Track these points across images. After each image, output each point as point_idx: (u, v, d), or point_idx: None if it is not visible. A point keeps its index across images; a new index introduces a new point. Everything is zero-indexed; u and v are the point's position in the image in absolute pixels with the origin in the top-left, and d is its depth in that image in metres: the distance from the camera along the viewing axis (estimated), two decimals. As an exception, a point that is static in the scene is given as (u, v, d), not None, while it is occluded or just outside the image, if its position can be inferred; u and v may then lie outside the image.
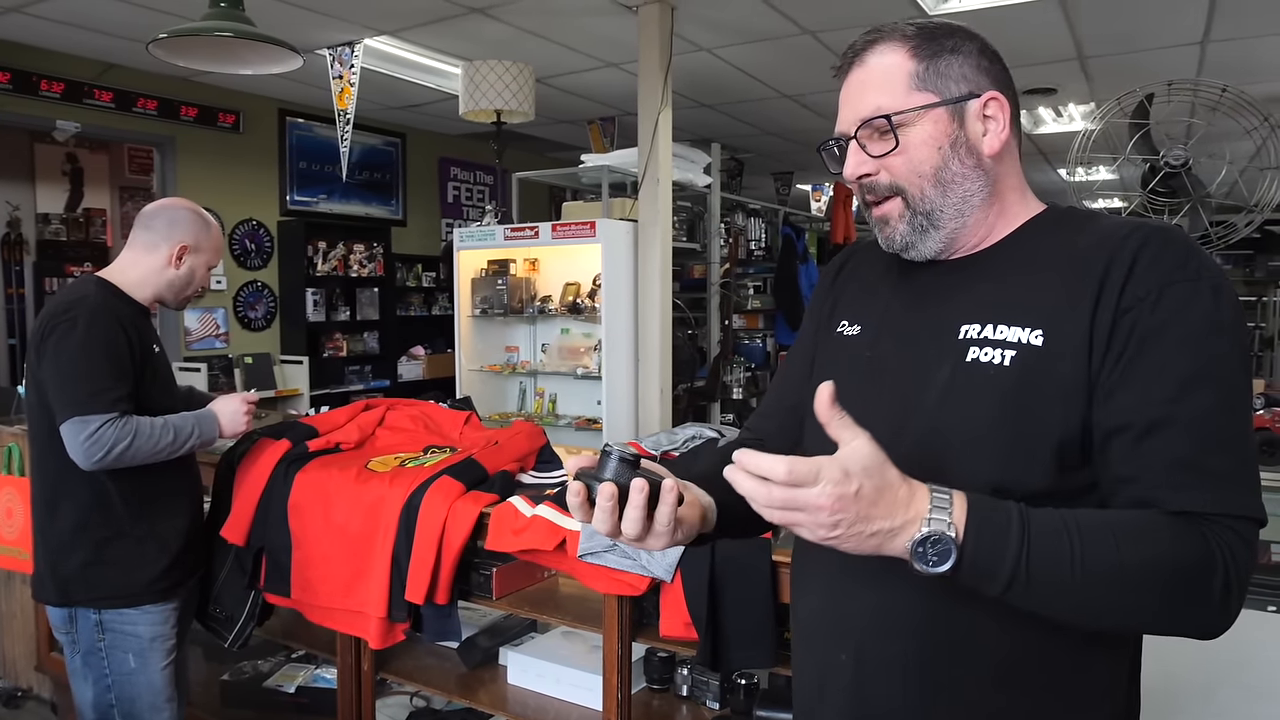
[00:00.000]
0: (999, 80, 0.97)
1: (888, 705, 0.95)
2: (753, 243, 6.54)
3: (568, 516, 1.72)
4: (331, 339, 6.58)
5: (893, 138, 0.95)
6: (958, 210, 0.96)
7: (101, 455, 1.83)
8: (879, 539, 0.79)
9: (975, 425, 0.89)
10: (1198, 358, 0.85)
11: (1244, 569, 0.82)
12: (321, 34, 4.60)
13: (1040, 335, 0.88)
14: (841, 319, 1.08)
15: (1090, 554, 0.79)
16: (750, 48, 4.94)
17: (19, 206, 6.95)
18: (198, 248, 2.06)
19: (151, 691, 2.02)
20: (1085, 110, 6.20)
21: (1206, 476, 0.83)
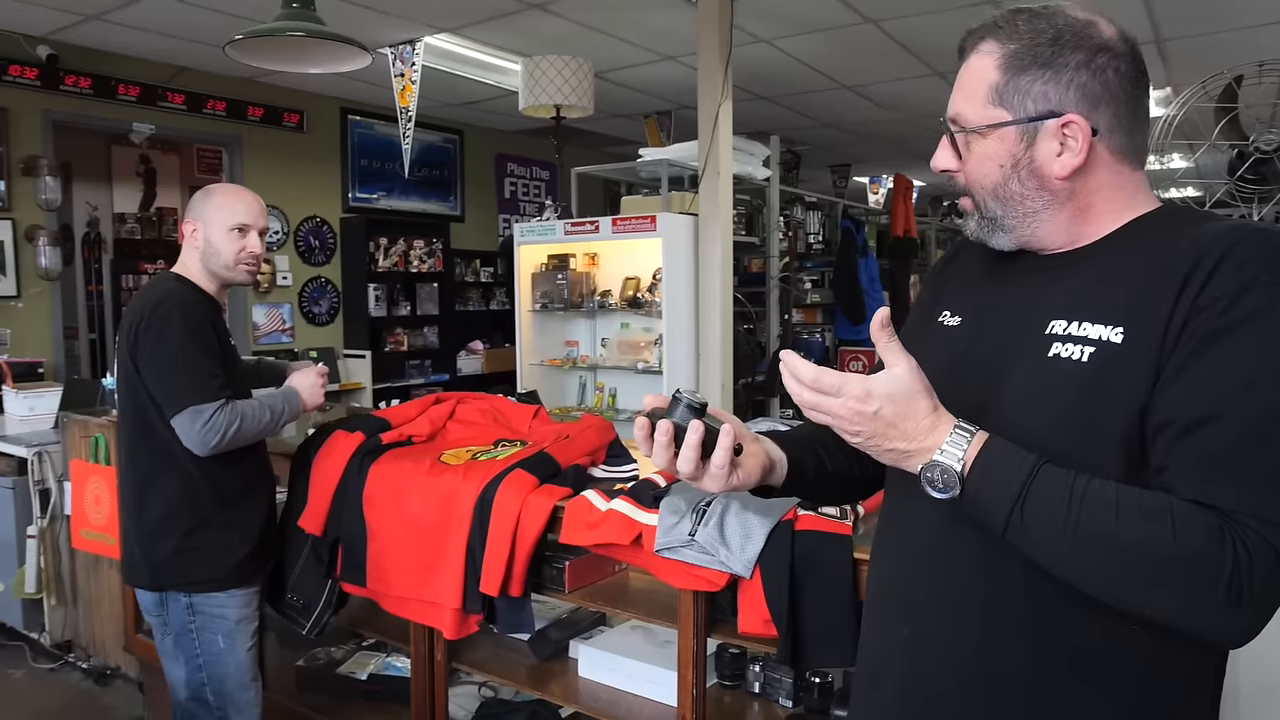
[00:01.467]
0: (1094, 96, 0.93)
1: (941, 686, 0.98)
2: (811, 236, 6.48)
3: (644, 511, 1.72)
4: (392, 333, 6.68)
5: (963, 148, 0.98)
6: (1024, 221, 0.98)
7: (217, 440, 1.91)
8: (895, 455, 0.89)
9: (1051, 420, 0.90)
10: (1262, 360, 0.83)
11: (1265, 577, 0.80)
12: (383, 32, 4.67)
13: (1120, 332, 0.88)
14: (944, 309, 1.09)
15: (1087, 516, 0.82)
16: (811, 38, 4.89)
17: (97, 207, 7.19)
18: (204, 218, 2.09)
19: (239, 670, 2.11)
20: (1160, 96, 6.00)
21: (1242, 475, 0.82)
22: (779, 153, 5.91)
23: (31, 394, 4.01)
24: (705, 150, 4.17)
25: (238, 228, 2.08)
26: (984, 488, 0.86)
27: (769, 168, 5.28)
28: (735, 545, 1.56)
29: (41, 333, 4.86)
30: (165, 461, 2.00)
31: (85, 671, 3.40)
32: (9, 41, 4.61)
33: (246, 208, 2.11)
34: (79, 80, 4.90)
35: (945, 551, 0.98)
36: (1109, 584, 0.85)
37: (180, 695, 2.14)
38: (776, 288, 5.73)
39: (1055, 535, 0.84)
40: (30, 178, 4.73)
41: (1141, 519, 0.82)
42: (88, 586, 3.41)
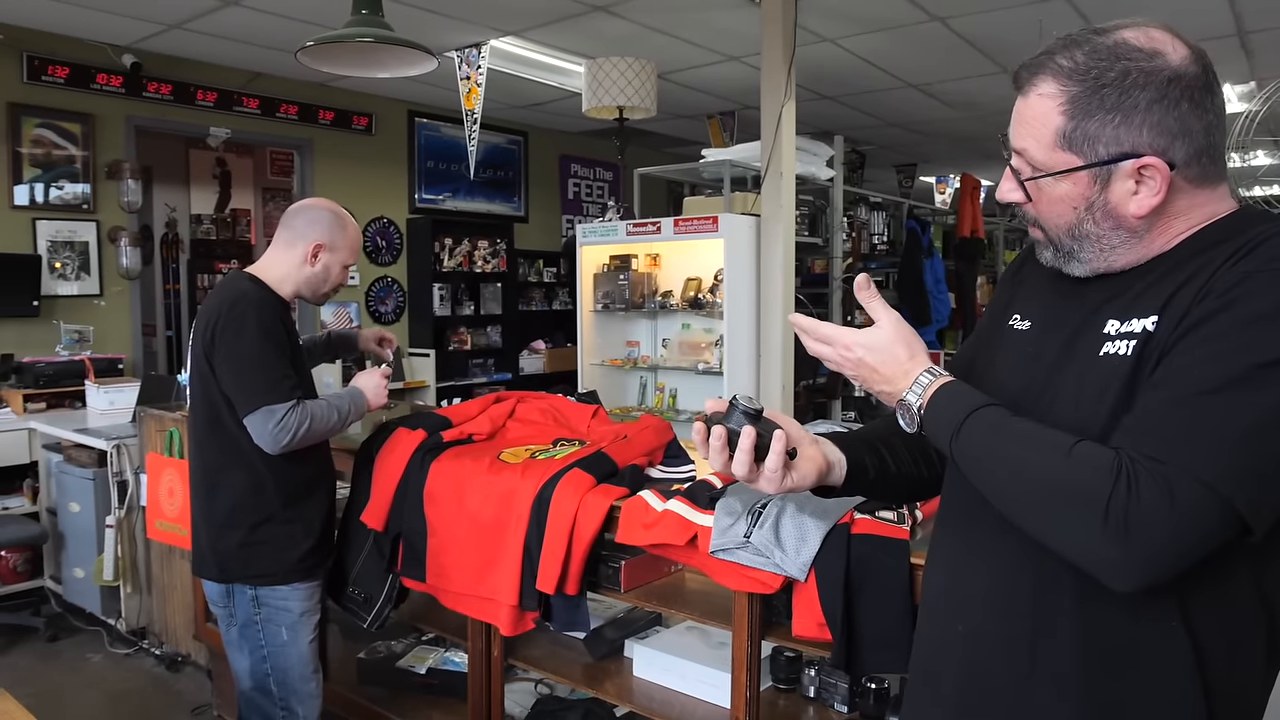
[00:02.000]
0: (1170, 131, 0.89)
1: (995, 681, 1.00)
2: (875, 237, 6.38)
3: (699, 512, 1.71)
4: (456, 333, 6.78)
5: (1032, 189, 0.98)
6: (1100, 254, 0.97)
7: (288, 439, 1.97)
8: (884, 395, 1.04)
9: (1107, 413, 0.91)
10: (1234, 335, 0.83)
11: (1143, 511, 0.80)
12: (449, 36, 4.75)
13: (1155, 320, 0.90)
14: (1015, 313, 1.10)
15: (1002, 447, 0.91)
16: (875, 36, 4.82)
17: (175, 208, 7.46)
18: (333, 246, 2.16)
19: (302, 662, 2.16)
20: (1244, 90, 5.77)
21: (1163, 431, 0.84)
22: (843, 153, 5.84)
23: (112, 389, 4.18)
24: (768, 151, 4.14)
25: (351, 265, 2.23)
26: (932, 422, 0.99)
27: (832, 168, 5.22)
28: (790, 548, 1.54)
29: (122, 330, 5.06)
30: (233, 457, 2.06)
31: (158, 658, 3.52)
32: (96, 51, 4.80)
33: (358, 249, 2.26)
34: (160, 87, 5.08)
35: (996, 549, 1.01)
36: (1018, 509, 0.91)
37: (245, 685, 2.20)
38: (840, 289, 5.66)
39: (979, 463, 0.93)
40: (114, 181, 4.92)
41: (1044, 450, 0.88)
42: (161, 576, 3.53)
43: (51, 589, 3.98)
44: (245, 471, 2.07)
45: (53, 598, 3.96)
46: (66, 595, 3.86)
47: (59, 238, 4.75)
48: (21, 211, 4.63)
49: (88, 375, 4.38)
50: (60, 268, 4.75)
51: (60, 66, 4.68)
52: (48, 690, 3.33)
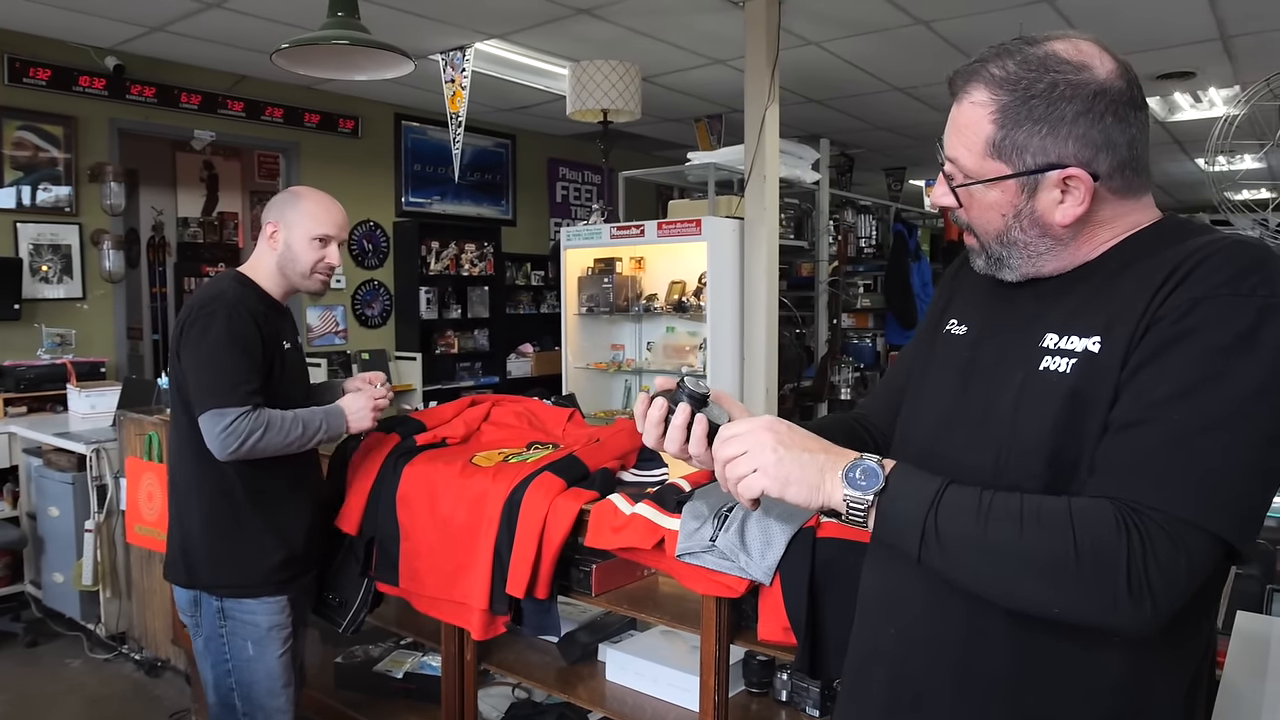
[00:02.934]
0: (1094, 144, 0.91)
1: (925, 685, 1.00)
2: (863, 240, 6.39)
3: (667, 515, 1.71)
4: (443, 336, 6.77)
5: (964, 195, 0.99)
6: (1027, 261, 0.99)
7: (236, 446, 1.89)
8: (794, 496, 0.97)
9: (1038, 430, 0.92)
10: (1208, 367, 0.83)
11: (1163, 570, 0.81)
12: (434, 39, 4.74)
13: (1098, 342, 0.90)
14: (951, 318, 1.11)
15: (988, 534, 0.86)
16: (860, 40, 4.82)
17: (162, 211, 7.44)
18: (287, 222, 2.04)
19: (269, 677, 2.08)
20: (1228, 95, 5.79)
21: (1156, 475, 0.83)
22: (829, 156, 5.85)
23: (93, 393, 4.16)
24: (751, 153, 4.14)
25: (320, 238, 2.05)
26: (890, 518, 0.94)
27: (818, 171, 5.22)
28: (756, 551, 1.54)
29: (105, 333, 5.03)
30: (205, 460, 1.99)
31: (137, 663, 3.50)
32: (79, 53, 4.79)
33: (331, 218, 2.07)
34: (144, 90, 5.06)
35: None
36: (1021, 595, 0.87)
37: (211, 697, 2.14)
38: (825, 292, 5.66)
39: (961, 557, 0.89)
40: (97, 183, 4.90)
41: (1040, 526, 0.84)
42: (141, 580, 3.51)
43: (32, 594, 3.95)
44: (215, 476, 2.00)
45: (33, 603, 3.94)
46: (46, 600, 3.84)
47: (41, 240, 4.72)
48: (3, 215, 4.61)
49: (69, 379, 4.36)
50: (44, 270, 4.73)
51: (42, 68, 4.67)
52: (25, 696, 3.30)
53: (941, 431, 1.04)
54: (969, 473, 0.96)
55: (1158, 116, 6.45)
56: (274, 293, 2.09)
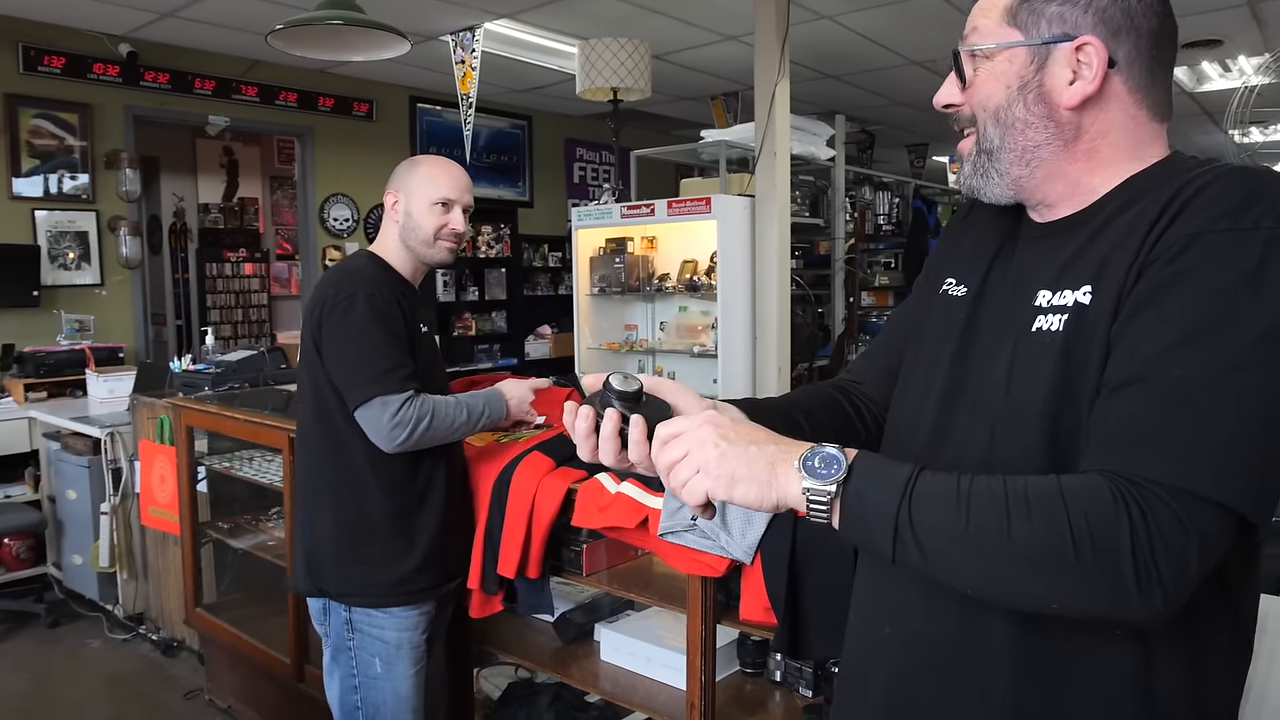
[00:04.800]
0: (1114, 23, 0.85)
1: (922, 691, 0.92)
2: (881, 217, 6.30)
3: (651, 494, 1.69)
4: (461, 318, 6.79)
5: (970, 72, 0.91)
6: (1020, 157, 0.89)
7: (405, 435, 1.75)
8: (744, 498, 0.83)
9: (1031, 398, 0.84)
10: (1210, 311, 0.73)
11: (1170, 551, 0.71)
12: (443, 20, 4.72)
13: (1089, 292, 0.82)
14: (949, 277, 1.02)
15: (969, 524, 0.75)
16: (873, 13, 4.73)
17: (183, 198, 7.52)
18: (406, 189, 1.93)
19: (396, 699, 1.92)
20: (1258, 63, 5.61)
21: (1158, 442, 0.73)
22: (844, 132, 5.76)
23: (111, 377, 4.22)
24: (762, 130, 4.08)
25: (441, 202, 1.92)
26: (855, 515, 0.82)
27: (833, 147, 5.14)
28: (737, 531, 1.52)
29: (124, 319, 5.10)
30: (336, 456, 1.86)
31: (154, 643, 3.56)
32: (93, 41, 4.82)
33: (452, 181, 1.95)
34: (158, 76, 5.10)
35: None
36: (1004, 587, 0.77)
37: (335, 716, 2.00)
38: (841, 270, 5.60)
39: (944, 553, 0.77)
40: (112, 170, 4.95)
41: (1028, 512, 0.74)
42: (156, 562, 3.56)
43: (54, 575, 4.03)
44: (347, 473, 1.86)
45: (55, 584, 4.01)
46: (67, 582, 3.91)
47: (59, 228, 4.78)
48: (21, 202, 4.67)
49: (88, 364, 4.42)
50: (63, 258, 4.79)
51: (56, 56, 4.71)
52: (46, 674, 3.37)
53: (941, 405, 0.95)
54: (968, 451, 0.89)
55: (1185, 86, 6.27)
56: (403, 270, 1.95)
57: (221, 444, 3.18)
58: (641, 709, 1.92)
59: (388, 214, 1.96)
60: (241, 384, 3.36)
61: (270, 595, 2.94)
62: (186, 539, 3.06)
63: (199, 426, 3.04)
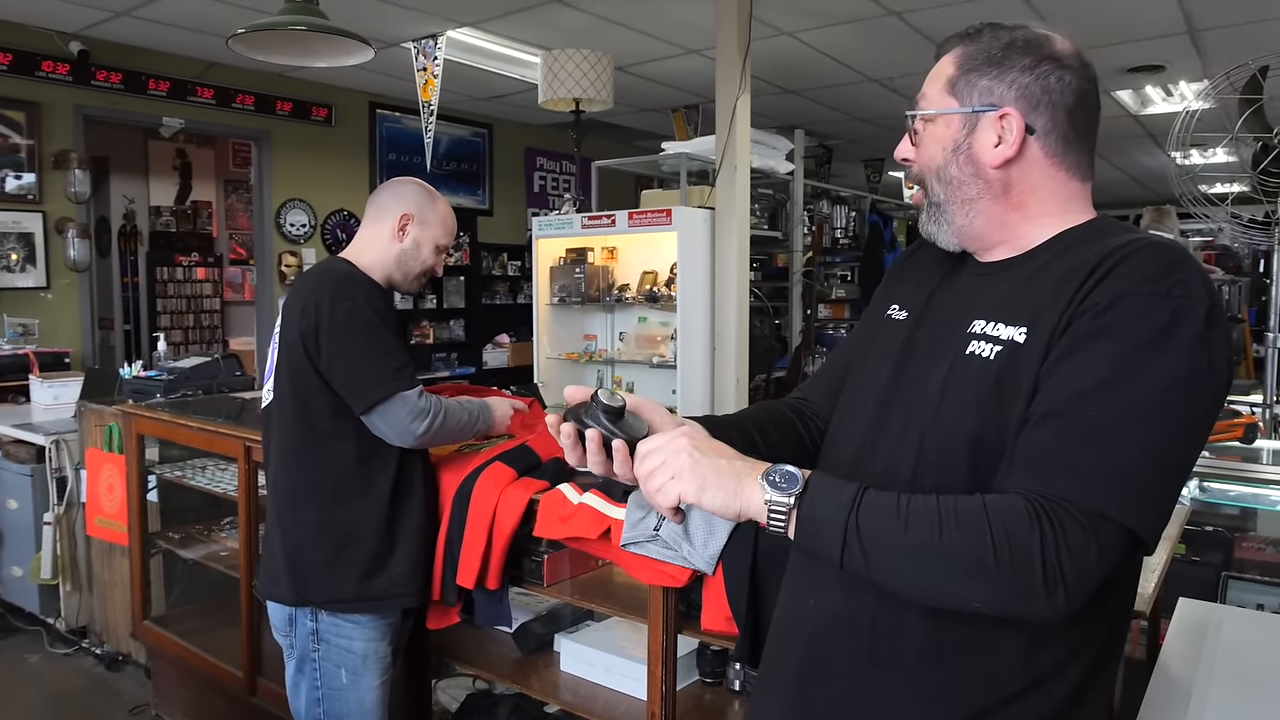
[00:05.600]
0: (1033, 98, 0.99)
1: (838, 661, 1.02)
2: (839, 231, 6.39)
3: (613, 505, 1.70)
4: (419, 326, 6.73)
5: (917, 131, 1.06)
6: (962, 209, 1.03)
7: (426, 426, 1.79)
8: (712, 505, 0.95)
9: (961, 414, 0.95)
10: (1124, 363, 0.86)
11: (1077, 564, 0.83)
12: (405, 27, 4.70)
13: (1024, 333, 0.93)
14: (894, 303, 1.15)
15: (907, 536, 0.86)
16: (833, 30, 4.82)
17: (134, 200, 7.36)
18: (423, 219, 1.95)
19: (361, 710, 1.91)
20: (1198, 88, 5.81)
21: (1069, 468, 0.85)
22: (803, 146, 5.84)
23: (56, 383, 4.11)
24: (722, 143, 4.13)
25: (444, 247, 2.00)
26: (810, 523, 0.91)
27: (792, 161, 5.21)
28: (699, 541, 1.53)
29: (70, 323, 4.97)
30: (319, 460, 1.84)
31: (98, 657, 3.47)
32: (41, 38, 4.72)
33: (453, 229, 2.04)
34: (110, 75, 5.00)
35: None
36: (940, 592, 0.88)
37: None
38: (799, 283, 5.66)
39: (882, 559, 0.88)
40: (61, 171, 4.83)
41: (955, 525, 0.85)
42: (102, 573, 3.47)
43: (-8, 587, 3.91)
44: (331, 477, 1.85)
45: (-7, 596, 3.89)
46: (5, 594, 3.79)
47: (3, 229, 4.66)
48: (-36, 202, 4.55)
49: (32, 369, 4.31)
50: (10, 259, 4.66)
51: (3, 53, 4.59)
52: (-17, 690, 3.27)
53: (877, 413, 1.06)
54: (898, 453, 0.99)
55: (1130, 109, 6.48)
56: (379, 282, 1.95)
57: (173, 452, 3.12)
58: (602, 719, 1.92)
59: (390, 229, 1.94)
60: (194, 391, 3.30)
61: (222, 607, 2.89)
62: (135, 549, 2.99)
63: (150, 434, 2.98)
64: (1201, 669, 1.35)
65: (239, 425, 2.62)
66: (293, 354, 1.83)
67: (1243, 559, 2.64)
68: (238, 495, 2.56)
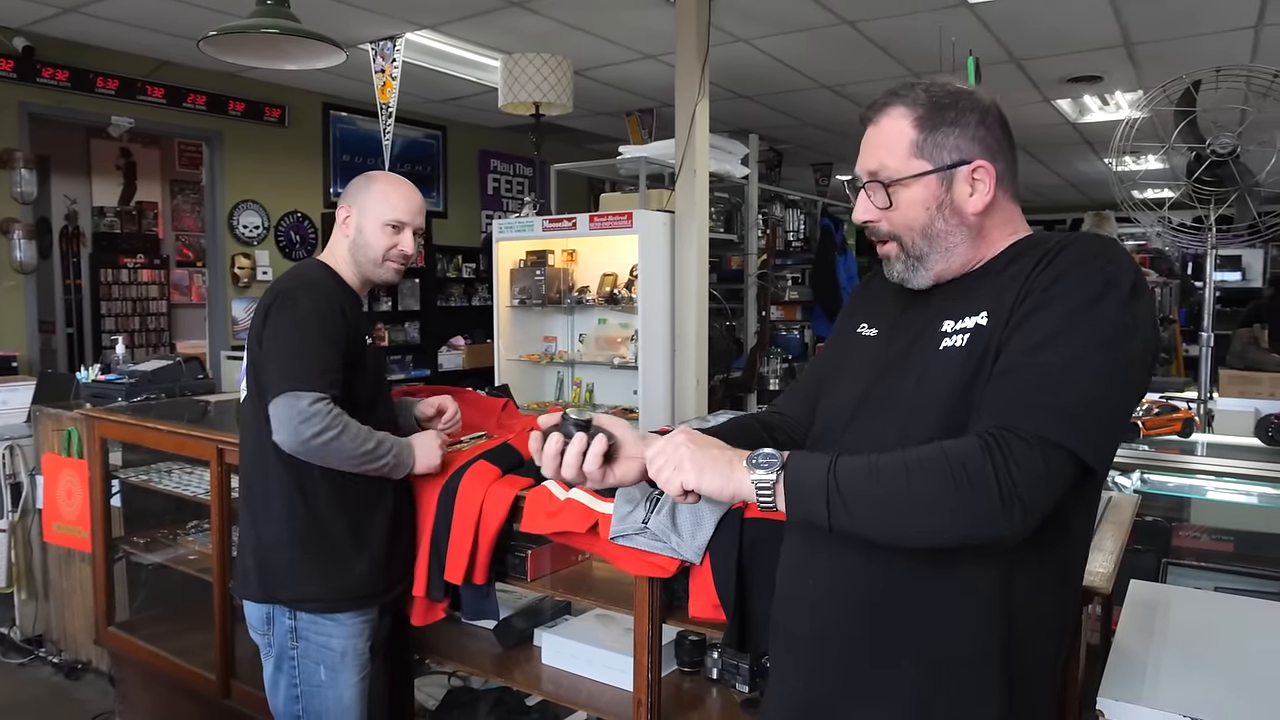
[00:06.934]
0: (991, 147, 1.12)
1: (843, 640, 1.14)
2: (791, 234, 6.53)
3: (600, 500, 1.75)
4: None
5: (889, 197, 1.14)
6: (943, 255, 1.14)
7: (310, 435, 1.71)
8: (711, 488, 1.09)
9: (934, 396, 1.07)
10: (1062, 324, 1.01)
11: (1027, 480, 0.95)
12: (364, 28, 4.69)
13: (985, 316, 1.08)
14: (862, 322, 1.27)
15: (880, 484, 1.00)
16: (788, 38, 4.93)
17: (76, 200, 7.18)
18: (360, 206, 1.93)
19: (340, 708, 1.91)
20: (1133, 98, 6.08)
21: (1023, 404, 0.99)
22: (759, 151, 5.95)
23: (4, 388, 4.00)
24: (682, 148, 4.21)
25: (393, 223, 1.93)
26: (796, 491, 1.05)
27: (747, 166, 5.32)
28: (686, 532, 1.60)
29: (16, 326, 4.85)
30: (285, 459, 1.81)
31: (56, 666, 3.41)
32: (-15, 34, 4.60)
33: (406, 203, 1.94)
34: (56, 73, 4.89)
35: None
36: (914, 528, 1.00)
37: None
38: (754, 285, 5.77)
39: (864, 508, 1.01)
40: (6, 170, 4.72)
41: (919, 465, 0.98)
42: (60, 580, 3.42)
43: (-60, 597, 3.81)
44: (296, 476, 1.84)
45: (-59, 606, 3.79)
46: (-44, 603, 3.70)
47: (-54, 230, 4.53)
48: (-96, 202, 4.41)
49: (-22, 373, 4.20)
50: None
51: (-54, 50, 4.48)
52: (-65, 702, 3.19)
53: (856, 416, 1.17)
54: (881, 446, 1.06)
55: (1069, 117, 6.73)
56: (351, 283, 1.95)
57: (136, 456, 3.09)
58: (586, 709, 1.98)
59: (338, 228, 1.97)
60: (157, 395, 3.26)
61: (190, 611, 2.87)
62: (99, 555, 2.95)
63: (115, 438, 2.95)
64: (1155, 643, 1.45)
65: (210, 428, 2.61)
66: (251, 353, 1.87)
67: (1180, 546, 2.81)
68: (210, 498, 2.56)
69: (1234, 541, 2.73)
